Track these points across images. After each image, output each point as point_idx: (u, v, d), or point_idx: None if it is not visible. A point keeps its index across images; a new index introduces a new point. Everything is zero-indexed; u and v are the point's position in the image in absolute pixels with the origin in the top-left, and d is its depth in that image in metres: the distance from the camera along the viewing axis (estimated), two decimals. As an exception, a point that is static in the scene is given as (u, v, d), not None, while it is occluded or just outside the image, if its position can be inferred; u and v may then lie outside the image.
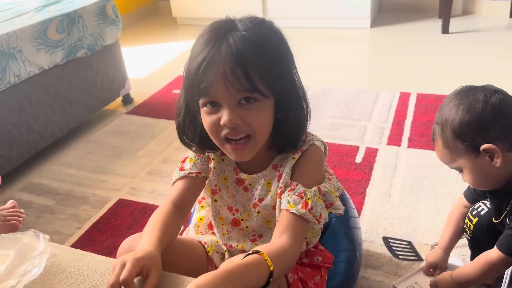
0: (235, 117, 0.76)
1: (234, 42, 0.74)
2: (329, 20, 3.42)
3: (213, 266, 0.99)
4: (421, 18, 3.48)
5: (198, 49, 0.77)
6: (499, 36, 2.97)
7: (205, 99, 0.78)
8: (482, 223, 1.03)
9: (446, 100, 0.97)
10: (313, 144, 0.89)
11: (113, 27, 2.18)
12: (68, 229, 1.51)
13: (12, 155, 1.75)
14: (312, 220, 0.82)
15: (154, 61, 3.09)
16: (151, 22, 4.08)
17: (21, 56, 1.73)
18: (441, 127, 0.95)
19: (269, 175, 0.90)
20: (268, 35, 0.79)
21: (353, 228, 1.14)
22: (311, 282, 0.94)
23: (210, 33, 0.77)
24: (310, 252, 0.99)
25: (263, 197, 0.92)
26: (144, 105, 2.38)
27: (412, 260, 1.25)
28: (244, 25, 0.77)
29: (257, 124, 0.79)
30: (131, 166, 1.85)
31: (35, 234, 0.81)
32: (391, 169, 1.67)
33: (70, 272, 0.78)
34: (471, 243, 1.11)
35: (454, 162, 0.96)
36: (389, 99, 2.21)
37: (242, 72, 0.73)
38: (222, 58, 0.73)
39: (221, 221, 1.00)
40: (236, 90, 0.74)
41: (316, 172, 0.88)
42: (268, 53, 0.77)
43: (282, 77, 0.79)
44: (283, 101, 0.81)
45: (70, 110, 2.02)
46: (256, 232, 0.98)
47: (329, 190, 0.87)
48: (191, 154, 0.95)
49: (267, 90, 0.77)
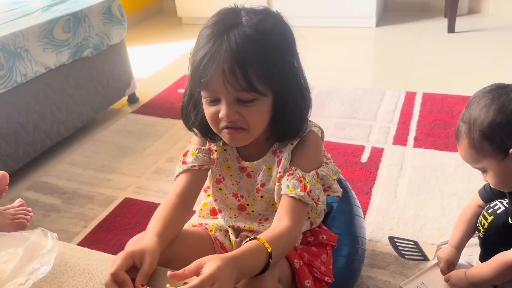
0: (232, 112, 0.79)
1: (235, 40, 0.75)
2: (334, 19, 3.41)
3: (219, 244, 1.02)
4: (427, 17, 3.46)
5: (201, 43, 0.79)
6: (505, 35, 2.95)
7: (205, 93, 0.81)
8: (497, 222, 1.01)
9: (475, 99, 0.93)
10: (310, 131, 0.92)
11: (118, 26, 2.19)
12: (75, 228, 1.51)
13: (19, 154, 1.76)
14: (310, 203, 0.85)
15: (159, 60, 3.10)
16: (156, 21, 4.09)
17: (27, 56, 1.74)
18: (469, 127, 0.91)
19: (269, 161, 0.93)
20: (271, 32, 0.79)
21: (357, 227, 1.14)
22: (318, 261, 0.97)
23: (214, 27, 0.78)
24: (314, 231, 1.02)
25: (265, 182, 0.94)
26: (149, 105, 2.39)
27: (418, 260, 1.25)
28: (249, 20, 0.78)
29: (253, 120, 0.82)
30: (137, 165, 1.86)
31: (43, 233, 0.82)
32: (397, 168, 1.66)
33: (78, 270, 0.78)
34: (483, 241, 1.09)
35: (478, 162, 0.94)
36: (394, 98, 2.20)
37: (240, 72, 0.75)
38: (222, 56, 0.75)
39: (228, 206, 1.02)
40: (234, 89, 0.77)
41: (314, 157, 0.91)
42: (269, 52, 0.78)
43: (282, 75, 0.81)
44: (282, 98, 0.83)
45: (76, 109, 2.03)
46: (262, 215, 1.00)
47: (327, 173, 0.90)
48: (192, 147, 0.98)
49: (265, 88, 0.79)
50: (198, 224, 1.06)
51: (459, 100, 2.10)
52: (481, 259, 1.12)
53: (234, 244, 1.02)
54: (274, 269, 0.80)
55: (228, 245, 1.03)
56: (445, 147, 1.76)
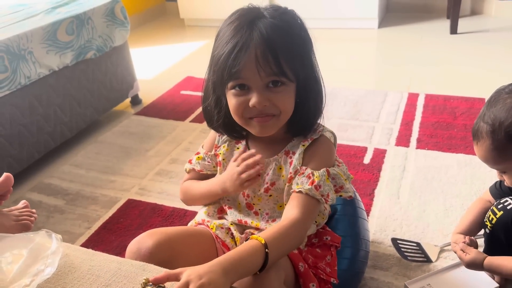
0: (264, 99, 0.83)
1: (265, 28, 0.80)
2: (336, 21, 3.41)
3: (220, 242, 1.01)
4: (429, 19, 3.46)
5: (228, 35, 0.82)
6: (508, 37, 2.94)
7: (234, 82, 0.83)
8: (506, 217, 0.99)
9: (498, 99, 0.91)
10: (323, 135, 0.94)
11: (121, 28, 2.19)
12: (78, 229, 1.52)
13: (22, 155, 1.77)
14: (318, 197, 0.86)
15: (162, 62, 3.10)
16: (159, 23, 4.10)
17: (31, 58, 1.75)
18: (493, 128, 0.89)
19: (280, 161, 0.95)
20: (292, 23, 0.85)
21: (361, 229, 1.14)
22: (323, 262, 0.97)
23: (239, 20, 0.82)
24: (318, 232, 1.03)
25: (275, 181, 0.95)
26: (152, 106, 2.40)
27: (421, 261, 1.25)
28: (270, 13, 0.83)
29: (284, 105, 0.85)
30: (140, 166, 1.86)
31: (48, 234, 0.83)
32: (400, 170, 1.66)
33: (83, 271, 0.79)
34: (489, 237, 1.06)
35: (500, 164, 0.93)
36: (397, 99, 2.20)
37: (272, 57, 0.79)
38: (254, 43, 0.79)
39: (237, 203, 1.04)
40: (266, 74, 0.80)
41: (326, 159, 0.92)
42: (294, 39, 0.83)
43: (305, 62, 0.86)
44: (304, 86, 0.87)
45: (80, 110, 2.04)
46: (269, 216, 1.01)
47: (338, 173, 0.91)
48: (202, 151, 1.03)
49: (292, 74, 0.83)
50: (201, 221, 1.07)
51: (461, 101, 2.10)
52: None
53: (238, 240, 1.01)
54: (280, 270, 0.80)
55: (230, 242, 1.02)
56: (448, 149, 1.76)
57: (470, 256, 1.02)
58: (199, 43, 3.39)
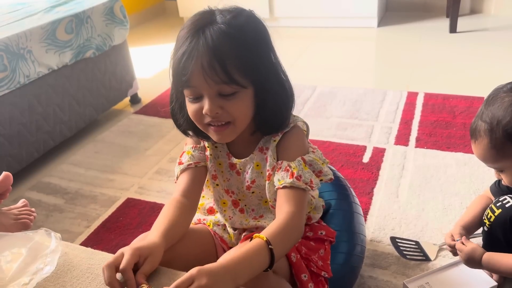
0: (215, 107, 0.81)
1: (211, 36, 0.78)
2: (336, 20, 3.41)
3: (219, 238, 1.03)
4: (429, 17, 3.46)
5: (179, 43, 0.81)
6: (507, 36, 2.94)
7: (187, 90, 0.83)
8: (504, 216, 0.99)
9: (497, 97, 0.91)
10: (294, 126, 0.93)
11: (121, 27, 2.19)
12: (77, 228, 1.52)
13: (21, 154, 1.77)
14: (303, 186, 0.86)
15: (161, 61, 3.10)
16: (158, 22, 4.10)
17: (30, 57, 1.75)
18: (490, 127, 0.90)
19: (256, 158, 0.94)
20: (245, 27, 0.82)
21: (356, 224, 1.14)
22: (316, 255, 0.97)
23: (190, 27, 0.81)
24: (313, 226, 1.04)
25: (254, 179, 0.96)
26: (151, 105, 2.40)
27: (420, 260, 1.25)
28: (222, 17, 0.81)
29: (237, 113, 0.83)
30: (139, 165, 1.86)
31: (47, 233, 0.83)
32: (399, 169, 1.66)
33: (82, 270, 0.79)
34: (486, 234, 1.05)
35: (498, 162, 0.93)
36: (396, 98, 2.20)
37: (219, 65, 0.77)
38: (200, 52, 0.78)
39: (224, 206, 1.03)
40: (215, 82, 0.79)
41: (298, 147, 0.91)
42: (245, 44, 0.80)
43: (260, 66, 0.83)
44: (262, 89, 0.85)
45: (79, 110, 2.04)
46: (256, 212, 1.02)
47: (314, 158, 0.91)
48: (187, 147, 0.99)
49: (245, 80, 0.81)
50: (197, 220, 1.08)
51: (460, 100, 2.10)
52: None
53: (233, 236, 1.03)
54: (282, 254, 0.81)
55: (228, 238, 1.04)
56: (447, 147, 1.76)
57: (469, 247, 1.01)
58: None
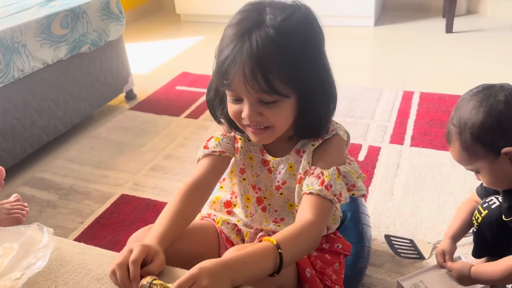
0: (254, 113, 0.80)
1: (256, 43, 0.75)
2: (332, 18, 3.40)
3: (224, 237, 1.00)
4: (425, 17, 3.47)
5: (224, 43, 0.79)
6: (503, 36, 2.95)
7: (228, 91, 0.82)
8: (491, 216, 1.01)
9: (463, 101, 0.94)
10: (336, 134, 0.91)
11: (117, 23, 2.18)
12: (71, 224, 1.51)
13: (15, 149, 1.75)
14: (330, 197, 0.83)
15: (158, 57, 3.09)
16: (155, 18, 4.08)
17: (25, 51, 1.73)
18: (459, 130, 0.92)
19: (292, 159, 0.93)
20: (295, 32, 0.78)
21: (364, 225, 1.14)
22: (330, 269, 0.96)
23: (237, 27, 0.78)
24: (330, 238, 1.01)
25: (286, 180, 0.94)
26: (147, 101, 2.39)
27: (414, 258, 1.25)
28: (272, 19, 0.76)
29: (276, 120, 0.82)
30: (134, 161, 1.85)
31: (39, 228, 0.82)
32: (394, 167, 1.66)
33: (74, 265, 0.78)
34: (476, 236, 1.08)
35: (472, 164, 0.94)
36: (392, 97, 2.20)
37: (261, 75, 0.75)
38: (243, 59, 0.75)
39: (247, 202, 1.01)
40: (255, 91, 0.77)
41: (335, 157, 0.89)
42: (291, 54, 0.77)
43: (304, 77, 0.79)
44: (305, 98, 0.82)
45: (74, 105, 2.02)
46: (278, 214, 0.99)
47: (349, 171, 0.88)
48: (217, 133, 0.98)
49: (287, 90, 0.78)
50: (207, 215, 1.05)
51: (456, 100, 2.09)
52: (474, 254, 1.12)
53: (248, 234, 1.00)
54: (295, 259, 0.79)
55: (235, 238, 1.01)
56: (442, 146, 1.76)
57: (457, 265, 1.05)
58: (195, 39, 3.38)
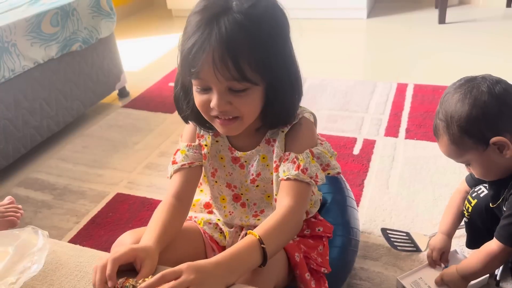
0: (224, 102, 0.78)
1: (225, 28, 0.72)
2: (325, 11, 3.40)
3: (208, 237, 1.01)
4: (418, 8, 3.46)
5: (190, 30, 0.76)
6: (495, 26, 2.96)
7: (196, 81, 0.79)
8: (480, 205, 1.03)
9: (448, 95, 0.94)
10: (302, 117, 0.90)
11: (107, 19, 2.16)
12: (66, 224, 1.50)
13: (8, 150, 1.74)
14: (307, 180, 0.84)
15: (150, 53, 3.07)
16: (146, 14, 4.05)
17: (15, 50, 1.71)
18: (446, 124, 0.93)
19: (263, 150, 0.92)
20: (263, 18, 0.76)
21: (351, 218, 1.14)
22: (315, 252, 0.97)
23: (203, 14, 0.75)
24: (310, 223, 1.02)
25: (260, 171, 0.94)
26: (140, 99, 2.37)
27: (411, 251, 1.25)
28: (239, 5, 0.74)
29: (246, 109, 0.80)
30: (128, 160, 1.84)
31: (34, 231, 0.81)
32: (389, 160, 1.67)
33: (70, 268, 0.78)
34: (468, 225, 1.11)
35: (462, 157, 0.95)
36: (386, 90, 2.20)
37: (231, 61, 0.73)
38: (212, 45, 0.72)
39: (223, 202, 1.01)
40: (225, 78, 0.75)
41: (307, 139, 0.89)
42: (260, 40, 0.75)
43: (273, 64, 0.78)
44: (273, 86, 0.81)
45: (66, 104, 2.01)
46: (258, 206, 1.00)
47: (322, 151, 0.89)
48: (182, 145, 0.97)
49: (257, 77, 0.77)
50: (188, 218, 1.06)
51: (450, 91, 2.11)
52: (467, 244, 1.14)
53: (228, 234, 1.01)
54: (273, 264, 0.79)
55: (218, 237, 1.02)
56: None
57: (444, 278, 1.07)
58: (187, 34, 3.36)
